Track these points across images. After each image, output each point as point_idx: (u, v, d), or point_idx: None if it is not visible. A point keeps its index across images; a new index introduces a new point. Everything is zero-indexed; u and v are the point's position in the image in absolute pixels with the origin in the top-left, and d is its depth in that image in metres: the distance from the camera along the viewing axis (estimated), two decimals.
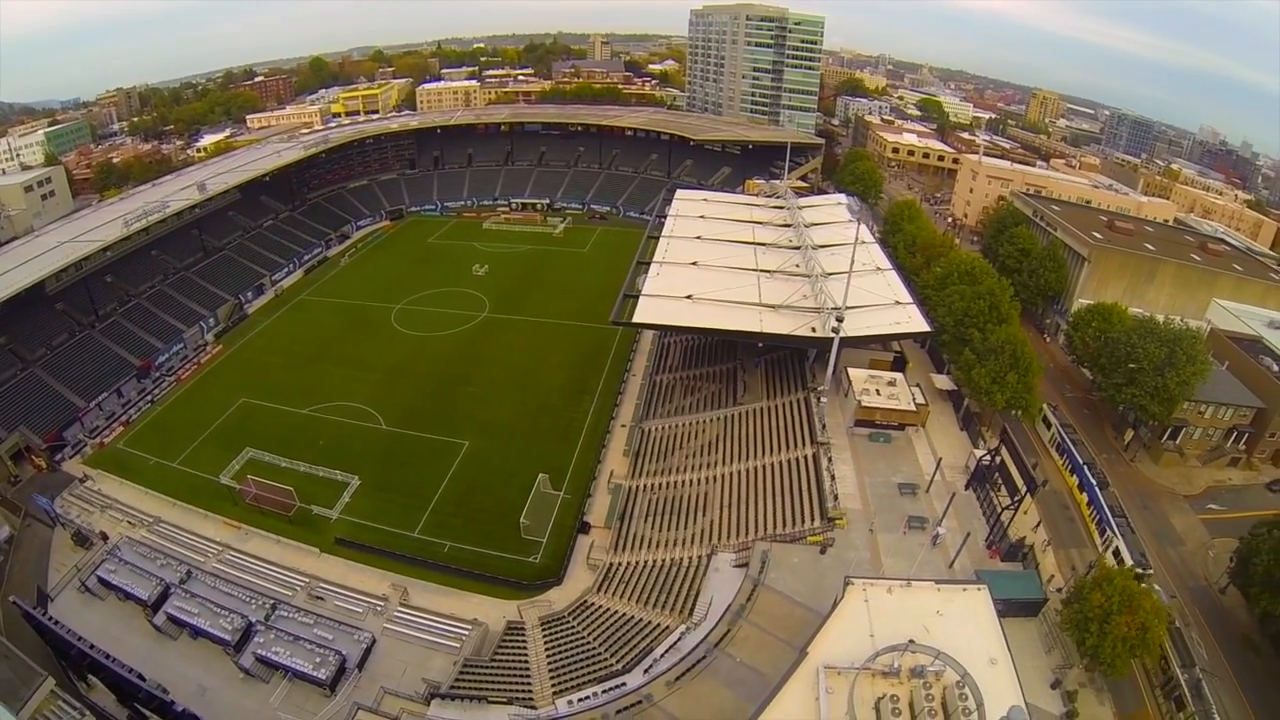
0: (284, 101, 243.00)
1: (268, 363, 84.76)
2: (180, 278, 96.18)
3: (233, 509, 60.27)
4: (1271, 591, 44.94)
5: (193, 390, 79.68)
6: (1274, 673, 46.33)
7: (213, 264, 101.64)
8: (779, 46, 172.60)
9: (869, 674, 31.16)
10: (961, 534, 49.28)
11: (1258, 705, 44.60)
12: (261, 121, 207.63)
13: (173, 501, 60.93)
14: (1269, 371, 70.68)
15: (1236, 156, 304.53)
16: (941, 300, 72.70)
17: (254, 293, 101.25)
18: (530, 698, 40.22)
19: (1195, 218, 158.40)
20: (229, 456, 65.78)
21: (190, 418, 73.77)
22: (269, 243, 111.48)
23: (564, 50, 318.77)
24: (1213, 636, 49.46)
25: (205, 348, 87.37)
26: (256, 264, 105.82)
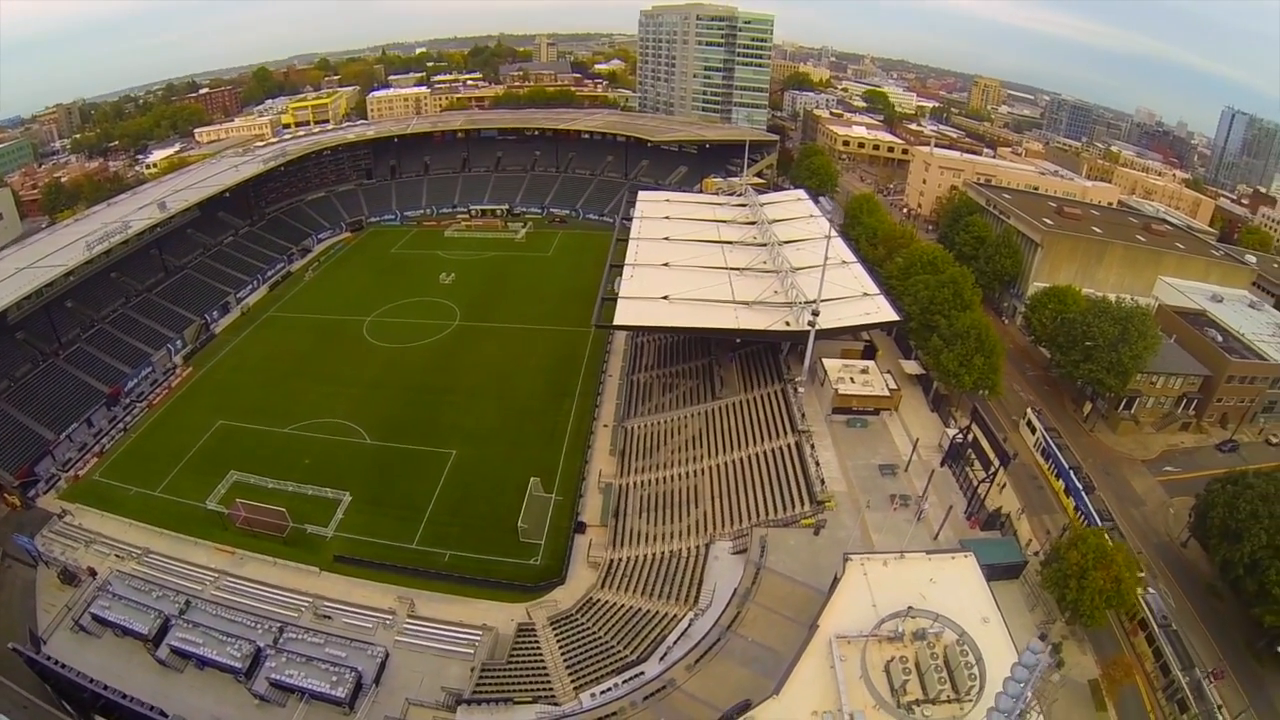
0: (231, 113, 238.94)
1: (242, 382, 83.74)
2: (143, 300, 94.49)
3: (223, 534, 59.55)
4: (1228, 541, 49.55)
5: (166, 415, 78.23)
6: (1236, 615, 51.03)
7: (175, 284, 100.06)
8: (729, 45, 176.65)
9: (876, 640, 34.01)
10: (942, 508, 52.50)
11: (1224, 644, 49.57)
12: (211, 135, 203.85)
13: (159, 531, 59.92)
14: (1213, 342, 76.69)
15: (1173, 137, 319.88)
16: (907, 290, 76.62)
17: (220, 311, 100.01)
18: (552, 695, 41.81)
19: (1137, 199, 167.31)
20: (213, 481, 65.11)
21: (167, 443, 72.42)
22: (231, 259, 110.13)
23: (509, 53, 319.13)
24: (1178, 586, 54.39)
25: (175, 370, 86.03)
26: (220, 282, 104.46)
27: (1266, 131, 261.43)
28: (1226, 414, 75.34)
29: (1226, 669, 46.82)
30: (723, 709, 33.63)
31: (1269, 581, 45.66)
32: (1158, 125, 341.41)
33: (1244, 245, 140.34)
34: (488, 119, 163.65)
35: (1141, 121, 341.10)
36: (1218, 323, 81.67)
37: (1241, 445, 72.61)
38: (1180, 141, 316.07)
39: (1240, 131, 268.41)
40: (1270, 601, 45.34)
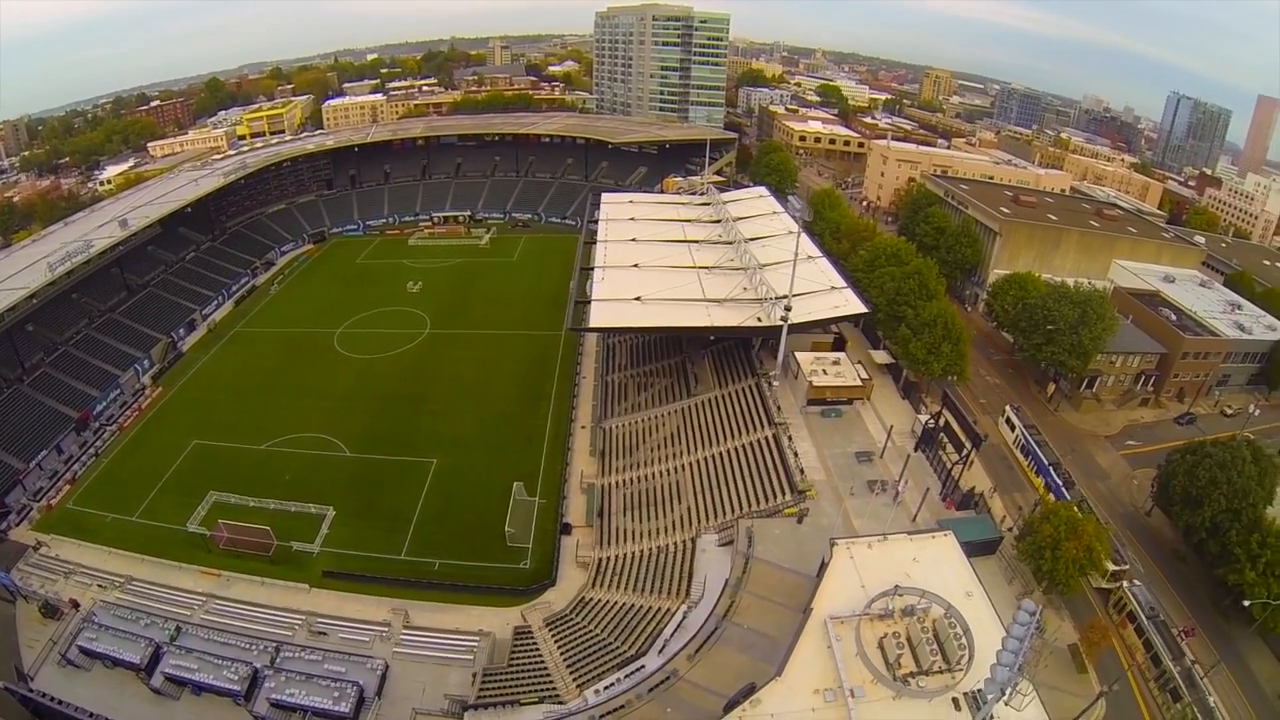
0: (184, 126, 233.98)
1: (214, 400, 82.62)
2: (107, 320, 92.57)
3: (207, 557, 58.70)
4: (1190, 507, 52.77)
5: (139, 437, 76.74)
6: (1199, 576, 54.49)
7: (139, 303, 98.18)
8: (686, 45, 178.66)
9: (868, 619, 35.77)
10: (919, 491, 54.82)
11: (1191, 605, 52.93)
12: (165, 149, 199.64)
13: (140, 558, 58.72)
14: (1168, 321, 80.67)
15: (1120, 122, 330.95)
16: (873, 282, 78.76)
17: (186, 329, 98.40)
18: (556, 694, 42.62)
19: (1089, 185, 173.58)
20: (192, 503, 64.13)
21: (141, 467, 71.08)
22: (194, 276, 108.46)
23: (463, 57, 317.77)
24: (1145, 552, 57.55)
25: (144, 391, 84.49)
26: (184, 299, 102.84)
27: (1210, 115, 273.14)
28: (1183, 389, 79.29)
29: (1196, 626, 50.11)
30: (726, 695, 34.83)
31: (1230, 542, 48.85)
32: (1105, 111, 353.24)
33: (1192, 226, 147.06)
34: (447, 125, 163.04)
35: (1089, 108, 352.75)
36: (1171, 302, 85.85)
37: (1198, 417, 76.65)
38: (1127, 126, 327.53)
39: (1185, 116, 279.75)
40: (1232, 561, 48.38)
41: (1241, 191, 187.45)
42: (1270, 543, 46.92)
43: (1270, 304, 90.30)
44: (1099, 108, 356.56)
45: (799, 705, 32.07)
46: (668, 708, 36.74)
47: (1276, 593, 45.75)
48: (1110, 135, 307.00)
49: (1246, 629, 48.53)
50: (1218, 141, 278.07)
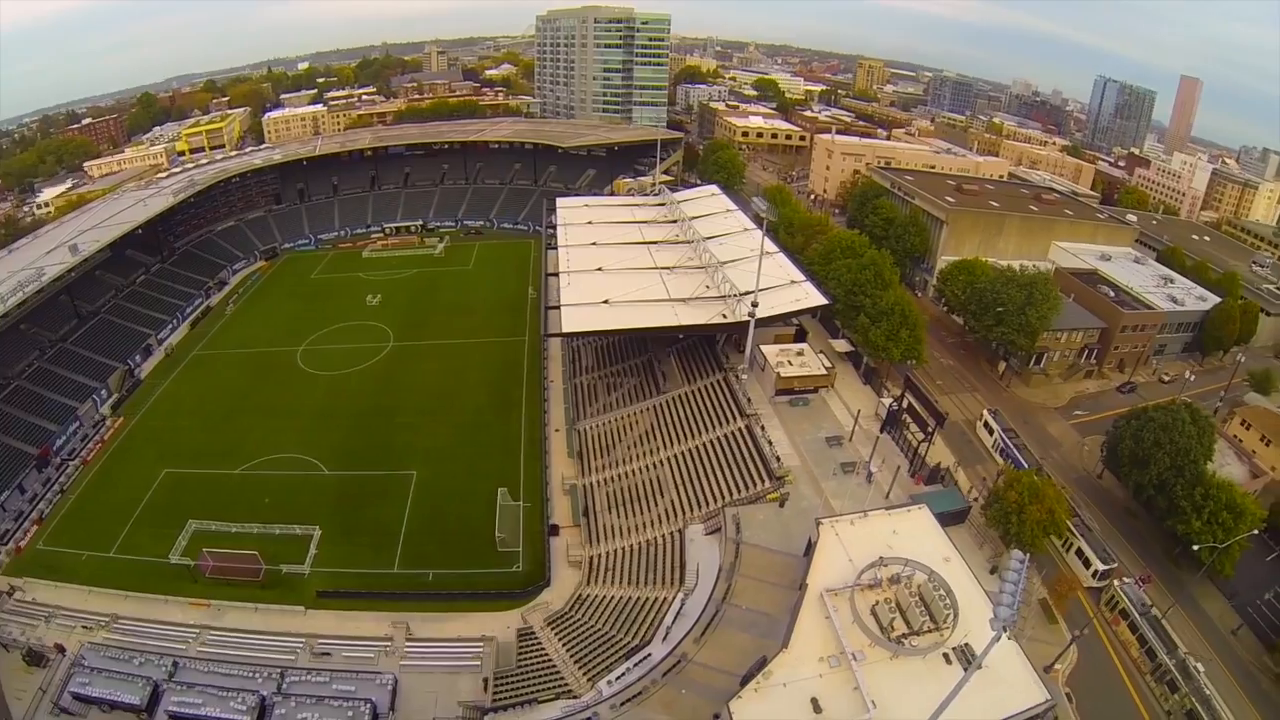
0: (119, 144, 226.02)
1: (181, 427, 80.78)
2: (59, 350, 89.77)
3: (195, 587, 57.81)
4: (1137, 468, 57.91)
5: (105, 470, 74.58)
6: (1150, 529, 60.05)
7: (91, 330, 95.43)
8: (628, 46, 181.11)
9: (860, 589, 38.79)
10: (889, 470, 58.02)
11: (1146, 556, 58.47)
12: (103, 168, 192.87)
13: (124, 594, 57.27)
14: (1106, 297, 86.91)
15: (1050, 106, 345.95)
16: (830, 274, 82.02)
17: (143, 355, 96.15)
18: (569, 690, 44.23)
19: (1024, 169, 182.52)
20: (172, 534, 62.68)
21: (112, 501, 69.13)
22: (146, 299, 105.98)
23: (398, 64, 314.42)
24: (1100, 511, 62.74)
25: (104, 422, 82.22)
26: (138, 324, 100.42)
27: (1136, 96, 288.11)
28: (1123, 359, 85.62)
29: (1152, 574, 55.22)
30: (734, 673, 37.31)
31: (1176, 496, 54.17)
32: (1034, 95, 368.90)
33: (1124, 205, 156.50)
34: (395, 135, 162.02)
35: (1019, 93, 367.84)
36: (1109, 280, 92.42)
37: (1139, 385, 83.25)
38: (1057, 110, 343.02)
39: (1113, 98, 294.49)
40: (1179, 513, 53.65)
41: (1169, 170, 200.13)
42: (1212, 494, 52.37)
43: (1200, 276, 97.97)
44: (1028, 92, 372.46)
45: (807, 672, 34.75)
46: (682, 689, 39.05)
47: (1221, 538, 51.01)
48: (1040, 119, 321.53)
49: (1196, 574, 53.52)
50: (1144, 121, 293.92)
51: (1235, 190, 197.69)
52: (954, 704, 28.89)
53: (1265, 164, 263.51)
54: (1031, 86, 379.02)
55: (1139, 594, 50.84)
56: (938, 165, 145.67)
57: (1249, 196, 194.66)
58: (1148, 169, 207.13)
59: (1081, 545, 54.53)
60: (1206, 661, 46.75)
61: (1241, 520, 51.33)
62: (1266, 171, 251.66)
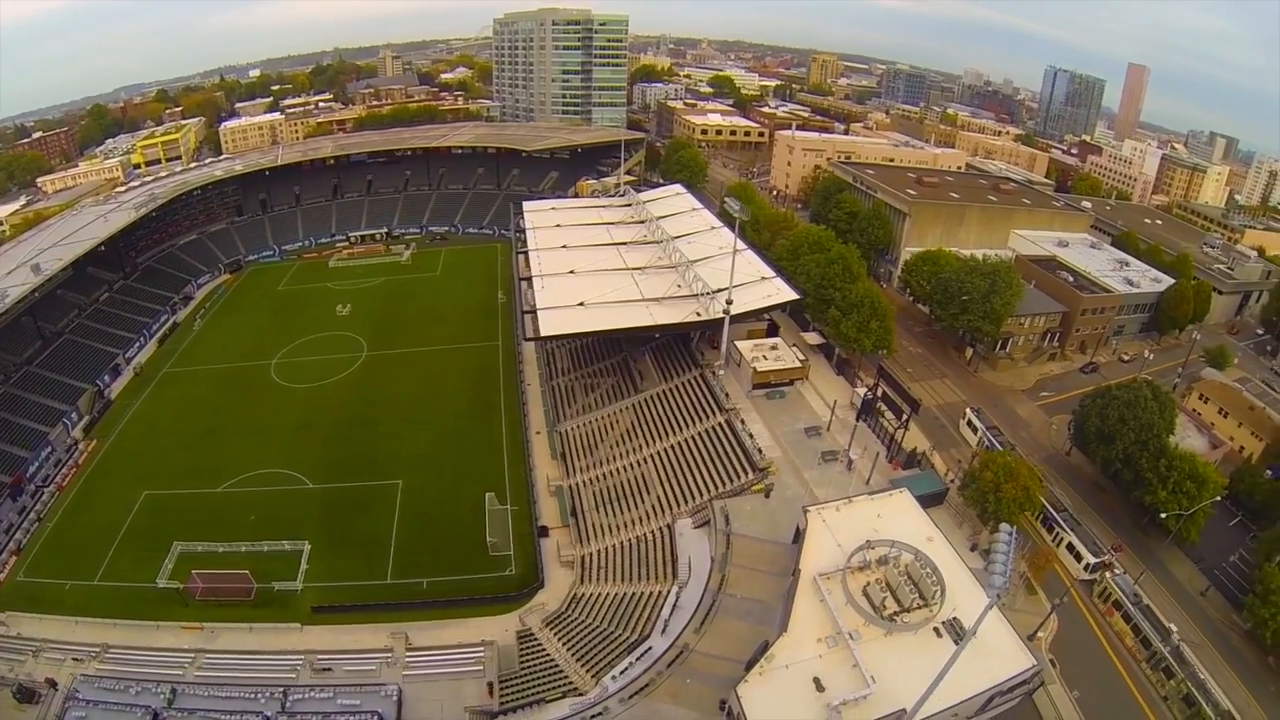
0: (72, 158, 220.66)
1: (157, 447, 79.54)
2: (24, 374, 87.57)
3: (185, 611, 57.05)
4: (1104, 443, 61.12)
5: (81, 496, 73.00)
6: (1119, 501, 63.43)
7: (55, 352, 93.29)
8: (586, 47, 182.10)
9: (851, 571, 40.66)
10: (867, 457, 60.12)
11: (1116, 527, 61.57)
12: (57, 183, 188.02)
13: (112, 623, 56.15)
14: (1066, 282, 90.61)
15: (1001, 95, 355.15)
16: (799, 269, 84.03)
17: (111, 375, 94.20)
18: (575, 688, 45.07)
19: (981, 160, 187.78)
20: (157, 557, 61.30)
21: (92, 526, 67.84)
22: (111, 318, 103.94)
23: (352, 69, 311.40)
24: (1070, 487, 65.81)
25: (77, 446, 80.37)
26: (104, 343, 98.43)
27: (1086, 84, 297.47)
28: (1084, 341, 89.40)
29: (1123, 543, 58.49)
30: (735, 660, 38.95)
31: (1142, 469, 57.48)
32: (986, 85, 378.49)
33: (1078, 192, 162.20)
34: (358, 143, 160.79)
35: (971, 83, 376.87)
36: (1067, 265, 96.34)
37: (1100, 365, 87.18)
38: (1008, 99, 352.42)
39: (1063, 86, 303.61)
40: (1146, 485, 56.94)
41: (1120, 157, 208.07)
42: (1176, 465, 55.69)
43: (1154, 259, 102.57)
44: (979, 81, 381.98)
45: (807, 654, 36.48)
46: (686, 679, 40.50)
47: (1186, 506, 54.26)
48: (993, 108, 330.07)
49: (1164, 541, 57.14)
50: (1094, 109, 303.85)
51: (1184, 174, 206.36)
52: (948, 674, 30.66)
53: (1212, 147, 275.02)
54: (983, 76, 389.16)
55: (1131, 584, 52.22)
56: (897, 159, 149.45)
57: (1198, 180, 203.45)
58: (1100, 156, 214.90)
59: (1072, 539, 55.91)
60: (1179, 622, 49.93)
61: (1204, 489, 54.58)
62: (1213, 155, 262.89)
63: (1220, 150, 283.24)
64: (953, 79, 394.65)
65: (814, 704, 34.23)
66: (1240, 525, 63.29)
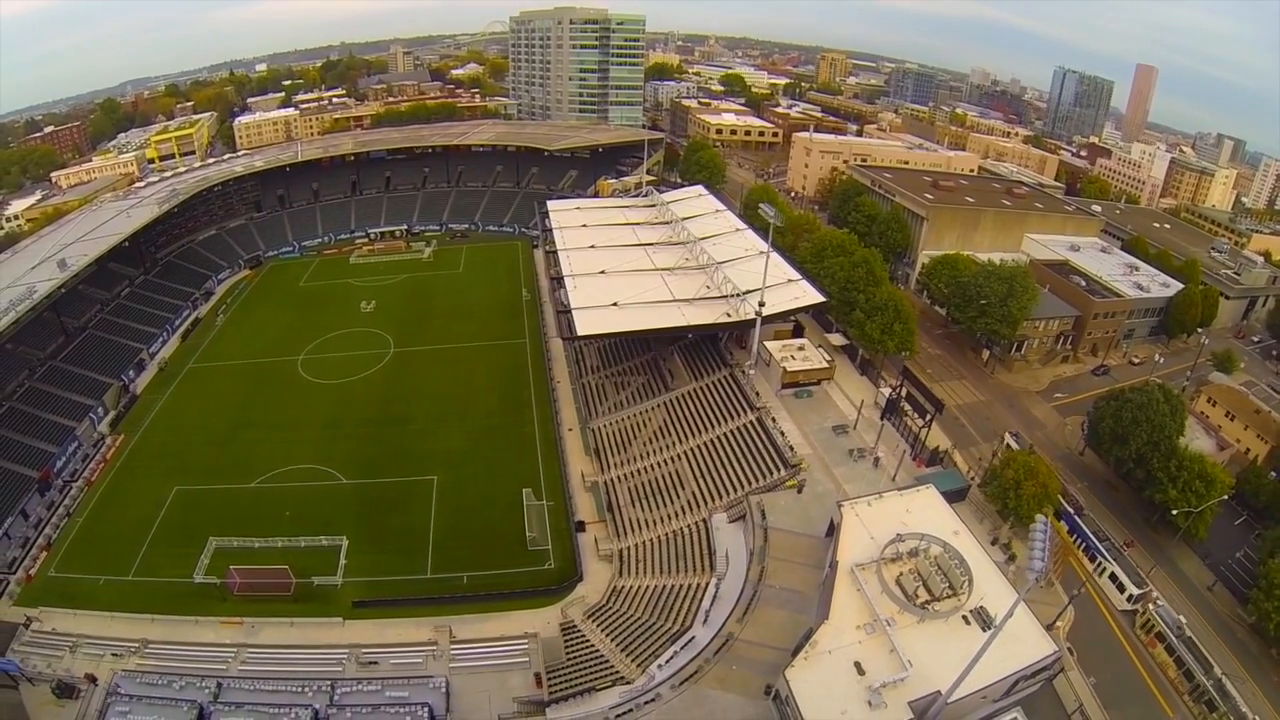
0: (84, 152, 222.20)
1: (186, 442, 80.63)
2: (49, 369, 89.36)
3: (224, 606, 57.70)
4: (1118, 444, 64.74)
5: (111, 491, 73.70)
6: (1131, 499, 67.30)
7: (79, 347, 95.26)
8: (604, 47, 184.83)
9: (884, 562, 43.78)
10: (893, 454, 63.17)
11: (1127, 524, 65.39)
12: (72, 178, 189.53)
13: (150, 618, 56.52)
14: (1078, 287, 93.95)
15: (1010, 95, 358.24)
16: (823, 271, 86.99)
17: (135, 370, 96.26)
18: (622, 677, 47.65)
19: (992, 161, 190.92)
20: (192, 553, 61.66)
21: (123, 521, 68.50)
22: (133, 313, 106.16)
23: (362, 65, 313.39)
24: (1084, 485, 69.61)
25: (104, 441, 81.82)
26: (128, 338, 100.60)
27: (1095, 85, 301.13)
28: (1096, 344, 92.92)
29: (1134, 539, 62.29)
30: (777, 646, 42.25)
31: (1154, 469, 61.07)
32: (994, 84, 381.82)
33: (1087, 195, 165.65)
34: (377, 140, 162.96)
35: (978, 82, 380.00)
36: (1080, 270, 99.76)
37: (1111, 368, 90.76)
38: (1016, 99, 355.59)
39: (1072, 87, 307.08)
40: (1157, 484, 60.52)
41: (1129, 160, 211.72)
42: (1185, 465, 59.34)
43: (1163, 263, 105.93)
44: (987, 81, 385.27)
45: (848, 640, 39.57)
46: (732, 665, 43.46)
47: (1195, 504, 57.76)
48: (1001, 108, 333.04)
49: (1173, 538, 60.60)
50: (1103, 110, 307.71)
51: (1193, 178, 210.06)
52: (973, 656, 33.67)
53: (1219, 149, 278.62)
54: (990, 76, 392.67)
55: (1174, 616, 53.80)
56: (911, 161, 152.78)
57: (1205, 183, 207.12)
58: (1109, 159, 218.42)
59: (1115, 570, 57.63)
60: (1188, 615, 53.29)
61: (1212, 488, 58.24)
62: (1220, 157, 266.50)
63: (1227, 152, 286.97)
64: (960, 78, 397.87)
65: (856, 686, 37.28)
66: (1245, 524, 67.03)
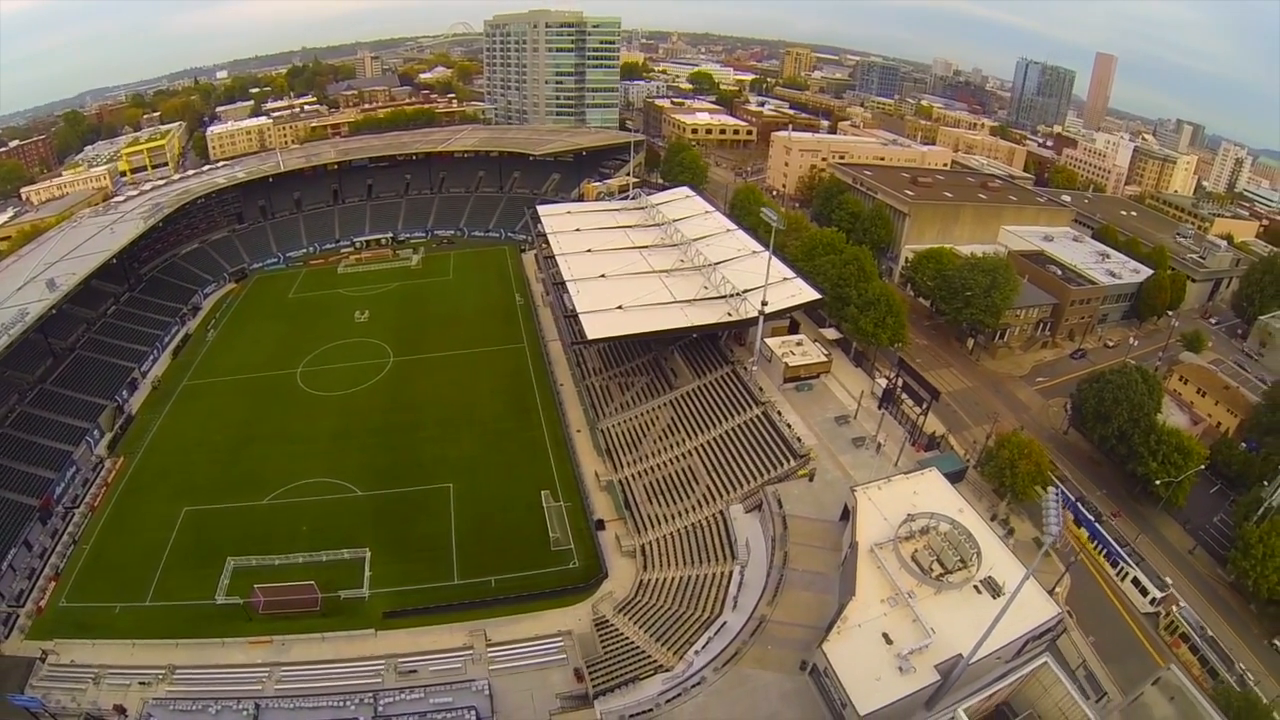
0: (51, 166, 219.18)
1: (190, 462, 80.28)
2: (40, 393, 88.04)
3: (250, 626, 57.85)
4: (1101, 422, 70.71)
5: (116, 515, 73.22)
6: (1114, 473, 73.56)
7: (69, 369, 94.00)
8: (580, 49, 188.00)
9: (900, 541, 48.21)
10: (892, 441, 67.72)
11: (1113, 495, 71.84)
12: (43, 193, 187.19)
13: (173, 643, 56.44)
14: (1055, 275, 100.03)
15: (973, 86, 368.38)
16: (816, 269, 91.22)
17: (128, 390, 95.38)
18: (660, 665, 50.03)
19: (962, 154, 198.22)
20: (211, 574, 61.93)
21: (133, 546, 68.26)
22: (122, 331, 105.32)
23: (329, 70, 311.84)
24: (1070, 462, 75.60)
25: (103, 464, 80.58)
26: (118, 357, 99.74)
27: (1057, 75, 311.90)
28: (1073, 330, 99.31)
29: (1120, 510, 68.28)
30: (806, 625, 46.61)
31: (1135, 444, 67.27)
32: (956, 75, 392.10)
33: (1055, 184, 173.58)
34: (360, 148, 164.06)
35: (941, 74, 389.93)
36: (1055, 259, 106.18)
37: (1088, 351, 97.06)
38: (979, 89, 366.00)
39: (1035, 77, 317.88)
40: (1138, 458, 66.71)
41: (1095, 149, 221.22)
42: (1164, 440, 65.65)
43: (1132, 250, 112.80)
44: (949, 71, 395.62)
45: (874, 613, 43.91)
46: (768, 645, 47.41)
47: (1174, 475, 63.75)
48: (965, 99, 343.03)
49: (1155, 507, 67.03)
50: (1065, 99, 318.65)
51: (1156, 165, 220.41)
52: (987, 622, 37.97)
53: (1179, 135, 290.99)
54: (952, 66, 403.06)
55: (1196, 618, 56.73)
56: (887, 157, 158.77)
57: (1168, 170, 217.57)
58: (1075, 149, 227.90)
59: (1138, 575, 60.28)
60: (1172, 576, 59.38)
61: (1189, 460, 64.43)
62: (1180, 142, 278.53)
63: (1186, 137, 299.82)
64: (923, 69, 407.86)
65: (886, 654, 41.53)
66: (1220, 492, 73.40)
